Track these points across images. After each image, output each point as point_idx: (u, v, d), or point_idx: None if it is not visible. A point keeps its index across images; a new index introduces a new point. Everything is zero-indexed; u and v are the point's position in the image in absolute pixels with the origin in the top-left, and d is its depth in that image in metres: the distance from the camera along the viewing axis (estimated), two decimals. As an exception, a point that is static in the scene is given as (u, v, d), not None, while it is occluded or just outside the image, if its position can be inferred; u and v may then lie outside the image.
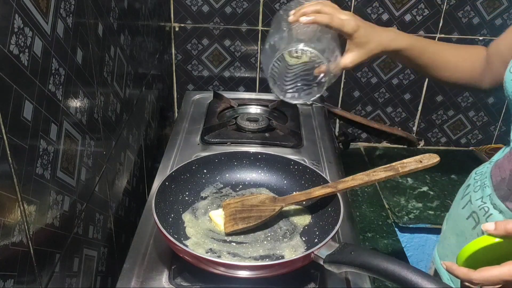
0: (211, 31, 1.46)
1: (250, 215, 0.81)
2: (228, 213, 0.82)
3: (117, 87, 0.88)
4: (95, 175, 0.76)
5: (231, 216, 0.81)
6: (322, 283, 0.74)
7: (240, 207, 0.82)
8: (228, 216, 0.81)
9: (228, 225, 0.80)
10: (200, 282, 0.73)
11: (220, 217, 0.82)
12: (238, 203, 0.83)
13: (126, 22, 0.94)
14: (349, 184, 0.80)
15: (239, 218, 0.80)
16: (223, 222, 0.80)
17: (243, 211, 0.82)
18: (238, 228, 0.79)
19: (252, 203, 0.83)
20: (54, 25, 0.58)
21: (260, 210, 0.82)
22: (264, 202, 0.83)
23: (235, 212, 0.81)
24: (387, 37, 0.82)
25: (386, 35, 0.83)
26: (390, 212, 1.27)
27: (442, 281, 0.58)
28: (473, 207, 0.76)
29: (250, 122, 1.19)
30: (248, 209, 0.82)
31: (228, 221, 0.80)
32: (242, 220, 0.80)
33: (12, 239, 0.49)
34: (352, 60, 0.81)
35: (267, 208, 0.82)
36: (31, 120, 0.52)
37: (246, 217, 0.81)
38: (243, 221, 0.80)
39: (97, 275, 0.79)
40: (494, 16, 1.44)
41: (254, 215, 0.81)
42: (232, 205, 0.83)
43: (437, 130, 1.63)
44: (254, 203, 0.83)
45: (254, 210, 0.82)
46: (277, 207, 0.82)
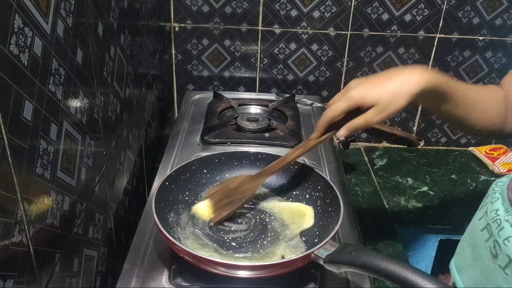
0: (211, 31, 1.46)
1: (232, 199, 0.82)
2: (214, 202, 0.83)
3: (117, 87, 0.88)
4: (95, 175, 0.76)
5: (217, 205, 0.83)
6: (322, 283, 0.74)
7: (222, 195, 0.83)
8: (214, 206, 0.83)
9: (215, 215, 0.82)
10: (200, 282, 0.73)
11: (205, 209, 0.83)
12: (220, 191, 0.84)
13: (126, 22, 0.94)
14: (317, 141, 0.80)
15: (224, 204, 0.82)
16: (208, 212, 0.82)
17: (226, 197, 0.83)
18: (223, 215, 0.81)
19: (233, 187, 0.84)
20: (54, 25, 0.58)
21: (241, 192, 0.83)
22: (244, 183, 0.84)
23: (219, 200, 0.83)
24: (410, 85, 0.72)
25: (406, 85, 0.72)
26: (390, 212, 1.27)
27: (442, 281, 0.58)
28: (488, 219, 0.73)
29: (250, 122, 1.19)
30: (230, 194, 0.83)
31: (214, 211, 0.82)
32: (226, 206, 0.82)
33: (12, 239, 0.49)
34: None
35: (247, 188, 0.83)
36: (31, 120, 0.52)
37: (230, 202, 0.82)
38: (228, 206, 0.82)
39: (97, 275, 0.78)
40: (494, 16, 1.44)
41: (237, 197, 0.83)
42: (215, 194, 0.84)
43: (437, 130, 1.63)
44: (235, 186, 0.84)
45: (236, 193, 0.83)
46: (255, 184, 0.84)
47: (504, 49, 1.49)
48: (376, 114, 0.71)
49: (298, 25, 1.45)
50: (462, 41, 1.48)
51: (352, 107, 0.73)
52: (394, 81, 0.72)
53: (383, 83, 0.72)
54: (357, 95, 0.72)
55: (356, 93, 0.73)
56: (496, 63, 1.51)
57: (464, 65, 1.52)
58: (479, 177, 1.44)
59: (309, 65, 1.51)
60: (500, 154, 1.52)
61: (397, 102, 0.70)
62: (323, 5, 1.42)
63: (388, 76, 0.73)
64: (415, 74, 0.72)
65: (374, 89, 0.72)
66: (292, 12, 1.43)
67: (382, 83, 0.72)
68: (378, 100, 0.71)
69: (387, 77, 0.73)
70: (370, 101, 0.71)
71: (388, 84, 0.72)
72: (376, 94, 0.71)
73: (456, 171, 1.47)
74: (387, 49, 1.49)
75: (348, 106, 0.73)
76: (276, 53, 1.49)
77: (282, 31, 1.46)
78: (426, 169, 1.48)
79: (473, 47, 1.49)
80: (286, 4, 1.42)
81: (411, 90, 0.70)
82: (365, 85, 0.73)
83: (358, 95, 0.72)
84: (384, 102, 0.70)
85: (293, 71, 1.52)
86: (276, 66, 1.52)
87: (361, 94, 0.72)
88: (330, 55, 1.50)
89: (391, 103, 0.70)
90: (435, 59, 1.50)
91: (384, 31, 1.46)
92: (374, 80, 0.74)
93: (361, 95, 0.72)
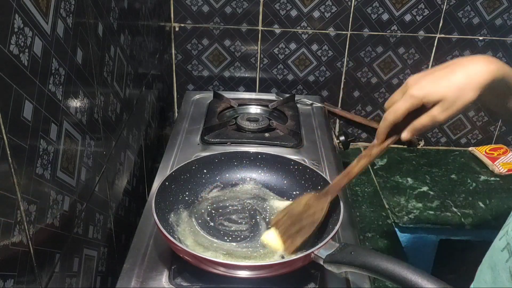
0: (211, 31, 1.46)
1: (302, 224, 0.76)
2: (282, 231, 0.77)
3: (117, 87, 0.88)
4: (95, 175, 0.76)
5: (286, 233, 0.76)
6: (322, 283, 0.74)
7: (289, 221, 0.77)
8: (283, 235, 0.76)
9: (287, 245, 0.75)
10: (200, 282, 0.73)
11: (275, 238, 0.77)
12: (286, 217, 0.78)
13: (126, 22, 0.94)
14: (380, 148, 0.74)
15: (294, 232, 0.76)
16: (279, 242, 0.76)
17: (294, 223, 0.77)
18: (298, 244, 0.74)
19: (299, 210, 0.78)
20: (54, 25, 0.58)
21: (309, 215, 0.77)
22: (310, 205, 0.78)
23: (287, 227, 0.77)
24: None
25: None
26: (390, 212, 1.27)
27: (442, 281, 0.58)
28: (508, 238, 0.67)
29: (250, 122, 1.19)
30: (298, 219, 0.77)
31: (285, 241, 0.76)
32: (297, 233, 0.76)
33: (12, 239, 0.49)
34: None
35: (316, 210, 0.77)
36: (31, 120, 0.52)
37: (300, 228, 0.76)
38: (299, 233, 0.75)
39: (97, 275, 0.78)
40: (494, 16, 1.44)
41: (307, 223, 0.76)
42: (281, 221, 0.78)
43: (437, 130, 1.63)
44: (301, 209, 0.78)
45: (304, 218, 0.77)
46: (324, 204, 0.77)
47: (504, 49, 1.49)
48: (443, 110, 0.65)
49: (298, 25, 1.45)
50: (462, 41, 1.48)
51: (415, 106, 0.66)
52: (460, 73, 0.65)
53: (447, 76, 0.65)
54: (419, 93, 0.66)
55: (418, 91, 0.66)
56: (496, 63, 1.51)
57: (464, 65, 1.51)
58: (479, 177, 1.44)
59: (309, 65, 1.51)
60: (500, 154, 1.52)
61: (466, 96, 0.64)
62: (323, 5, 1.42)
63: (451, 69, 0.66)
64: (482, 64, 0.65)
65: (438, 84, 0.65)
66: (292, 12, 1.43)
67: (446, 76, 0.65)
68: (444, 95, 0.64)
69: (450, 70, 0.66)
70: (435, 97, 0.65)
71: (453, 77, 0.65)
72: (441, 89, 0.65)
73: (456, 171, 1.47)
74: (387, 49, 1.49)
75: (411, 106, 0.67)
76: (276, 53, 1.49)
77: (282, 31, 1.46)
78: (426, 169, 1.48)
79: (473, 47, 1.49)
80: (286, 4, 1.42)
81: (481, 82, 0.64)
82: (426, 81, 0.66)
83: (420, 92, 0.65)
84: (451, 97, 0.64)
85: (293, 71, 1.52)
86: (276, 66, 1.52)
87: (424, 91, 0.65)
88: (330, 55, 1.50)
89: (458, 98, 0.64)
90: (435, 59, 1.50)
91: (384, 31, 1.46)
92: (436, 74, 0.67)
93: (424, 93, 0.65)
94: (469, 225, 1.24)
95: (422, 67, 1.52)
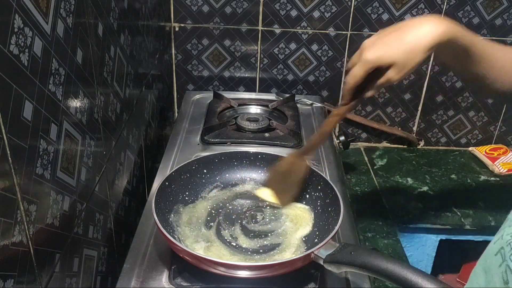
0: (211, 31, 1.46)
1: (288, 181, 0.87)
2: (273, 188, 0.89)
3: (117, 87, 0.88)
4: (95, 175, 0.76)
5: (277, 190, 0.89)
6: (322, 283, 0.74)
7: (277, 179, 0.89)
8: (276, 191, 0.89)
9: (280, 199, 0.88)
10: (200, 282, 0.73)
11: (269, 195, 0.89)
12: (274, 176, 0.89)
13: (126, 22, 0.94)
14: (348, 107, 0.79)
15: (283, 188, 0.88)
16: (273, 197, 0.89)
17: (281, 181, 0.88)
18: (288, 197, 0.88)
19: (283, 170, 0.88)
20: (54, 25, 0.58)
21: (293, 173, 0.87)
22: (292, 163, 0.87)
23: (277, 185, 0.89)
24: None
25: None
26: (390, 212, 1.27)
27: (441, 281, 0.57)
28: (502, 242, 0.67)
29: (250, 122, 1.19)
30: (284, 177, 0.88)
31: (278, 196, 0.89)
32: (285, 189, 0.88)
33: (12, 239, 0.49)
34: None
35: (298, 168, 0.87)
36: (31, 120, 0.52)
37: (287, 185, 0.88)
38: (287, 189, 0.88)
39: (97, 275, 0.78)
40: (494, 16, 1.44)
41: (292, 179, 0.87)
42: (271, 180, 0.90)
43: (437, 130, 1.63)
44: (285, 169, 0.88)
45: (288, 176, 0.87)
46: (303, 162, 0.87)
47: (504, 49, 1.49)
48: (396, 73, 0.70)
49: (298, 25, 1.45)
50: (462, 41, 1.48)
51: (370, 69, 0.71)
52: (408, 36, 0.68)
53: (396, 40, 0.69)
54: (372, 58, 0.70)
55: (371, 55, 0.70)
56: (496, 63, 1.51)
57: (464, 65, 1.51)
58: (479, 177, 1.44)
59: (309, 65, 1.51)
60: (500, 154, 1.52)
61: (414, 59, 0.68)
62: (323, 5, 1.42)
63: (401, 31, 0.70)
64: (431, 25, 0.68)
65: (388, 49, 0.69)
66: (292, 12, 1.43)
67: (395, 40, 0.69)
68: (395, 60, 0.69)
69: (400, 33, 0.70)
70: (386, 62, 0.69)
71: (401, 42, 0.69)
72: (391, 54, 0.69)
73: (456, 171, 1.47)
74: (387, 49, 1.49)
75: (366, 69, 0.71)
76: (276, 53, 1.49)
77: (282, 31, 1.46)
78: (426, 169, 1.48)
79: (473, 47, 1.49)
80: (286, 4, 1.42)
81: (428, 43, 0.67)
82: (378, 46, 0.70)
83: (373, 57, 0.70)
84: (401, 61, 0.68)
85: (293, 71, 1.52)
86: (276, 66, 1.52)
87: (376, 55, 0.70)
88: (330, 55, 1.50)
89: (408, 61, 0.68)
90: (435, 58, 1.50)
91: (384, 31, 1.46)
92: (387, 37, 0.71)
93: (376, 57, 0.70)
94: (469, 225, 1.24)
95: (422, 66, 1.52)
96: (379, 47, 0.70)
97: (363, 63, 0.71)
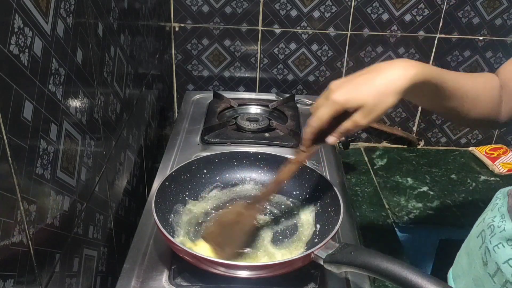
0: (211, 31, 1.46)
1: (232, 232, 0.77)
2: (212, 241, 0.76)
3: (117, 87, 0.88)
4: (95, 175, 0.76)
5: (215, 242, 0.76)
6: (322, 283, 0.74)
7: (218, 230, 0.78)
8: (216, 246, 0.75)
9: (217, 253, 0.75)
10: (200, 282, 0.73)
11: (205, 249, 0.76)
12: (217, 228, 0.79)
13: (126, 22, 0.94)
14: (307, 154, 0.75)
15: (223, 240, 0.76)
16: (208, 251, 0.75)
17: (223, 232, 0.78)
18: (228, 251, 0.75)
19: (229, 219, 0.80)
20: (54, 25, 0.58)
21: (240, 223, 0.78)
22: (241, 213, 0.79)
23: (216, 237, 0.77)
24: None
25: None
26: (390, 212, 1.27)
27: (442, 281, 0.58)
28: (484, 225, 0.70)
29: (250, 122, 1.19)
30: (228, 228, 0.78)
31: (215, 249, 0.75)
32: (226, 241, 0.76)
33: (12, 239, 0.49)
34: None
35: (246, 217, 0.79)
36: (31, 120, 0.52)
37: (229, 236, 0.77)
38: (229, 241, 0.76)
39: (97, 275, 0.78)
40: (494, 16, 1.44)
41: (237, 230, 0.77)
42: (212, 233, 0.78)
43: (437, 130, 1.63)
44: (231, 218, 0.80)
45: (234, 226, 0.78)
46: (254, 211, 0.79)
47: (504, 49, 1.49)
48: (363, 117, 0.66)
49: (298, 25, 1.45)
50: (462, 41, 1.48)
51: (338, 112, 0.67)
52: (378, 79, 0.65)
53: (366, 83, 0.66)
54: (340, 99, 0.66)
55: (339, 97, 0.66)
56: (496, 63, 1.51)
57: (464, 65, 1.51)
58: (479, 177, 1.44)
59: (309, 65, 1.51)
60: (500, 154, 1.52)
61: (385, 102, 0.65)
62: (323, 5, 1.42)
63: (371, 75, 0.66)
64: (401, 69, 0.65)
65: (357, 91, 0.66)
66: (292, 12, 1.43)
67: (365, 82, 0.66)
68: (364, 102, 0.65)
69: (370, 76, 0.66)
70: (355, 104, 0.66)
71: (372, 84, 0.65)
72: (360, 96, 0.65)
73: (456, 171, 1.47)
74: (387, 49, 1.49)
75: (333, 112, 0.67)
76: (276, 53, 1.49)
77: (282, 31, 1.46)
78: (426, 169, 1.48)
79: (473, 47, 1.49)
80: (286, 4, 1.42)
81: (398, 88, 0.64)
82: (347, 88, 0.67)
83: (341, 99, 0.66)
84: (370, 103, 0.65)
85: (293, 71, 1.52)
86: (276, 66, 1.52)
87: (344, 98, 0.66)
88: (330, 55, 1.50)
89: (378, 104, 0.65)
90: (435, 59, 1.50)
91: (384, 31, 1.46)
92: (357, 80, 0.67)
93: (344, 99, 0.66)
94: (469, 225, 1.24)
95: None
96: (348, 89, 0.67)
97: (330, 104, 0.67)
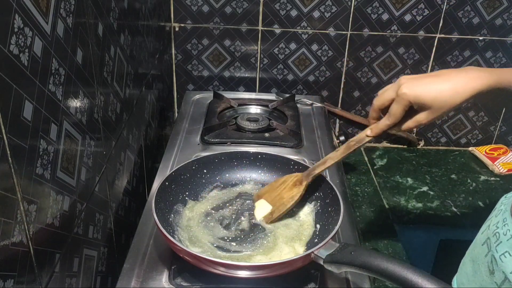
0: (211, 31, 1.46)
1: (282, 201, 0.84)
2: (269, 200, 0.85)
3: (117, 87, 0.88)
4: (95, 175, 0.76)
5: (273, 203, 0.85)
6: (322, 283, 0.74)
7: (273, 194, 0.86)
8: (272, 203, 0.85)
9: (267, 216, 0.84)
10: (200, 282, 0.73)
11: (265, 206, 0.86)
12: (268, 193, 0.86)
13: (126, 22, 0.94)
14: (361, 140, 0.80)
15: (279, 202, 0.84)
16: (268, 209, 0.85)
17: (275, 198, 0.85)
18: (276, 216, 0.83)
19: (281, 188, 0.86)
20: (54, 25, 0.58)
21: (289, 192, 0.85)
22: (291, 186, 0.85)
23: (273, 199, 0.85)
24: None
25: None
26: (390, 212, 1.27)
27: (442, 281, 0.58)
28: (489, 232, 0.71)
29: (250, 122, 1.19)
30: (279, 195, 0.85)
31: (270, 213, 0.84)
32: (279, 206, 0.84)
33: (12, 239, 0.49)
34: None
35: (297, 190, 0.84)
36: (31, 120, 0.52)
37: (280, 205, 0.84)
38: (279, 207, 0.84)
39: (97, 275, 0.78)
40: (494, 16, 1.44)
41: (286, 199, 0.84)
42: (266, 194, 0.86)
43: (437, 130, 1.63)
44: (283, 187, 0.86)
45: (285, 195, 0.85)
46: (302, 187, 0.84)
47: (504, 49, 1.49)
48: (427, 116, 0.71)
49: (298, 25, 1.45)
50: (462, 41, 1.48)
51: (407, 107, 0.71)
52: (447, 83, 0.69)
53: (436, 84, 0.70)
54: (411, 93, 0.70)
55: (410, 91, 0.70)
56: (496, 63, 1.51)
57: (464, 65, 1.51)
58: (479, 177, 1.44)
59: (309, 65, 1.51)
60: (500, 154, 1.52)
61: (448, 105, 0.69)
62: (323, 5, 1.42)
63: (441, 78, 0.71)
64: (468, 79, 0.69)
65: (428, 89, 0.70)
66: (292, 12, 1.43)
67: (435, 83, 0.70)
68: (431, 103, 0.69)
69: (440, 79, 0.70)
70: (423, 101, 0.70)
71: (440, 86, 0.69)
72: (429, 95, 0.69)
73: (456, 171, 1.47)
74: (387, 49, 1.49)
75: (404, 107, 0.71)
76: (276, 53, 1.49)
77: (282, 31, 1.46)
78: (426, 169, 1.48)
79: (473, 47, 1.49)
80: (286, 4, 1.42)
81: (464, 96, 0.68)
82: (418, 83, 0.71)
83: (412, 93, 0.70)
84: (437, 105, 0.69)
85: (293, 71, 1.52)
86: (276, 66, 1.52)
87: (416, 93, 0.70)
88: (330, 55, 1.50)
89: (443, 107, 0.69)
90: (435, 59, 1.50)
91: (384, 31, 1.46)
92: (427, 79, 0.71)
93: (415, 94, 0.70)
94: (469, 225, 1.24)
95: (422, 67, 1.52)
96: (418, 85, 0.70)
97: (400, 99, 0.71)
